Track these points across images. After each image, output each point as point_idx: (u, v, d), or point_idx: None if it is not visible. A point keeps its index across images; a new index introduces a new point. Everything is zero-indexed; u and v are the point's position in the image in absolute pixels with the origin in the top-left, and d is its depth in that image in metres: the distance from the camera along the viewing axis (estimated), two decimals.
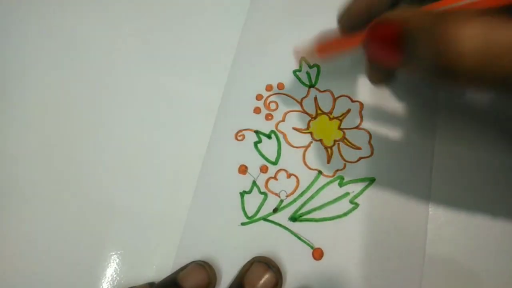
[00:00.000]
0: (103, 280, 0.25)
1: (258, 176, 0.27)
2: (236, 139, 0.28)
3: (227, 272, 0.25)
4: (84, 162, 0.28)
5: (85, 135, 0.29)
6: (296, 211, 0.26)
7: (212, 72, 0.29)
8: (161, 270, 0.25)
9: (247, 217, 0.26)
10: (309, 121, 0.28)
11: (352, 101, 0.28)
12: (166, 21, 0.31)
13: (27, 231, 0.27)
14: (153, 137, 0.28)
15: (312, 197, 0.26)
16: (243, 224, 0.26)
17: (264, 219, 0.26)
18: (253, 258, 0.24)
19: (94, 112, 0.29)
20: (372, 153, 0.26)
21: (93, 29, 0.32)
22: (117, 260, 0.26)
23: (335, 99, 0.28)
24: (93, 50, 0.31)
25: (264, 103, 0.28)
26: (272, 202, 0.26)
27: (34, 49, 0.32)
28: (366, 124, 0.27)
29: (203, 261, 0.25)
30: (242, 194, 0.26)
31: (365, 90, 0.27)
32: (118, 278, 0.25)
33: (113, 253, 0.26)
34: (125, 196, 0.27)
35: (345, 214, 0.25)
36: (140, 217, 0.26)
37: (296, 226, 0.25)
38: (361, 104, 0.27)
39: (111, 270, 0.26)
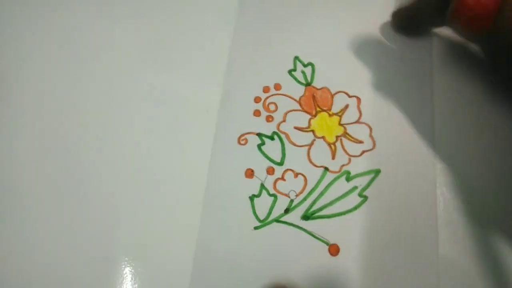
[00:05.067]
0: None
1: (266, 178, 0.27)
2: (239, 143, 0.27)
3: (251, 279, 0.24)
4: (87, 167, 0.27)
5: (87, 139, 0.28)
6: (308, 209, 0.26)
7: (209, 78, 0.29)
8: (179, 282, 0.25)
9: (259, 221, 0.26)
10: (310, 119, 0.28)
11: (349, 96, 0.28)
12: (163, 22, 0.31)
13: (29, 238, 0.26)
14: (156, 146, 0.28)
15: (321, 194, 0.26)
16: (256, 228, 0.26)
17: (277, 220, 0.26)
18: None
19: (95, 116, 0.28)
20: (374, 146, 0.27)
21: (90, 30, 0.31)
22: (132, 270, 0.25)
23: (332, 96, 0.28)
24: (92, 53, 0.30)
25: (263, 105, 0.28)
26: (283, 203, 0.26)
27: (32, 49, 0.30)
28: (365, 118, 0.27)
29: None
30: (252, 198, 0.26)
31: (361, 85, 0.28)
32: None
33: (126, 263, 0.25)
34: (135, 208, 0.26)
35: (356, 207, 0.26)
36: (154, 227, 0.26)
37: (309, 225, 0.25)
38: (358, 99, 0.28)
39: (126, 281, 0.25)
